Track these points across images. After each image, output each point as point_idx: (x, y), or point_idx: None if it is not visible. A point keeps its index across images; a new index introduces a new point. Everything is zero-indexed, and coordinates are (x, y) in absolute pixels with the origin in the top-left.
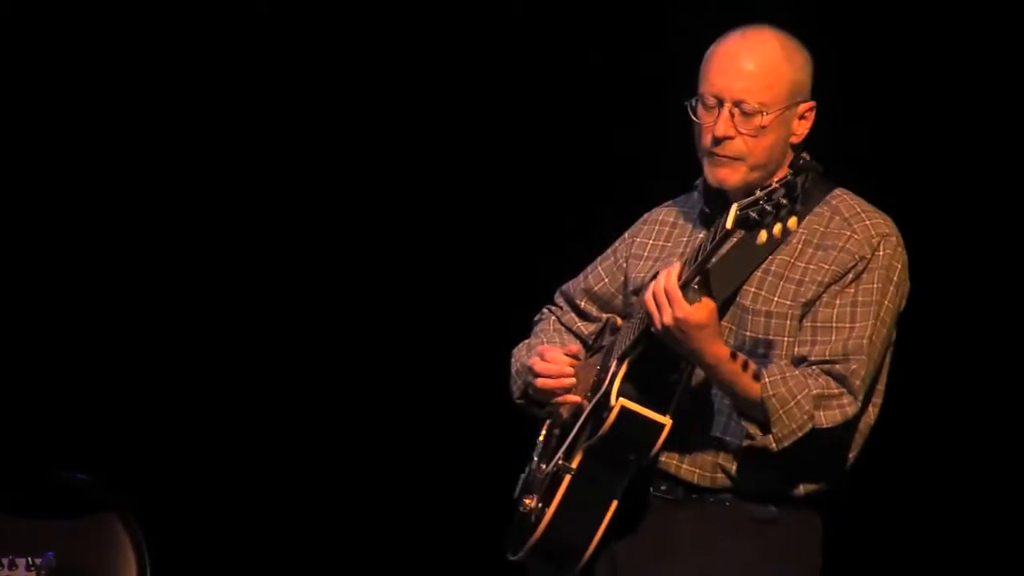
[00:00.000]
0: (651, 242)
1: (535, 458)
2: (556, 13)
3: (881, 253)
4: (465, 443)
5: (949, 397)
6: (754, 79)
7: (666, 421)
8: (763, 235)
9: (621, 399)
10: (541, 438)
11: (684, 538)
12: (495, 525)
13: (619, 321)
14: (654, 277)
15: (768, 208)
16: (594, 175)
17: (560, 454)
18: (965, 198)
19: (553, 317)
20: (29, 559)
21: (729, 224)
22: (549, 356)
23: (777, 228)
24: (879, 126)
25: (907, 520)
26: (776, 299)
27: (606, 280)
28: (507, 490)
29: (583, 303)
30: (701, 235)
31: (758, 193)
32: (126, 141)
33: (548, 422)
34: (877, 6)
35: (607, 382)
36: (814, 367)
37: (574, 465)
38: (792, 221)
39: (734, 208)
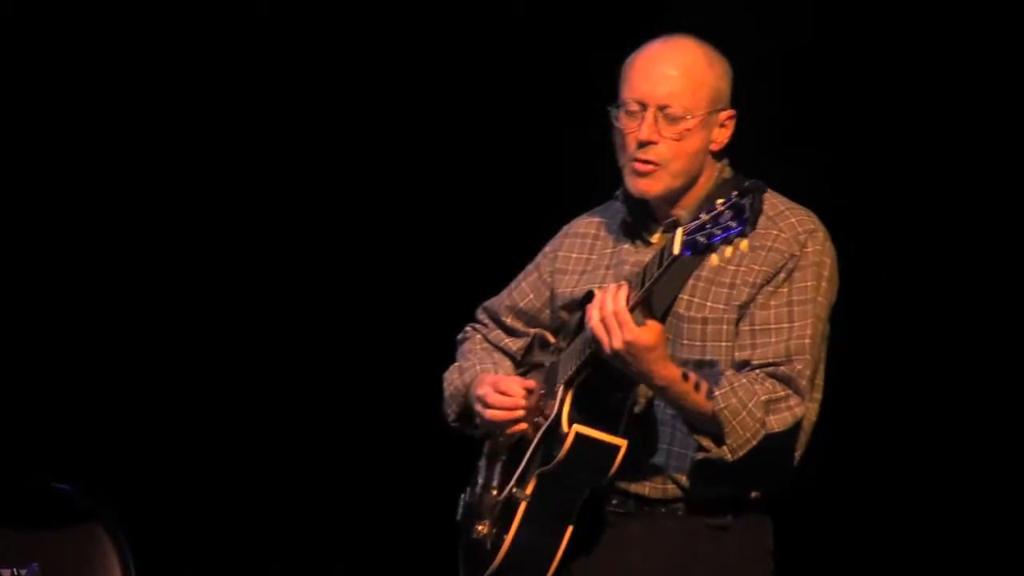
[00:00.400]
0: (575, 255)
1: (479, 480)
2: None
3: (810, 249)
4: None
5: (897, 396)
6: (678, 84)
7: (621, 442)
8: (715, 259)
9: (575, 425)
10: (483, 460)
11: (640, 551)
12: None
13: (549, 336)
14: (587, 294)
15: (717, 232)
16: (513, 189)
17: (513, 481)
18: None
19: (478, 335)
20: (14, 569)
21: (676, 250)
22: (504, 387)
23: (728, 251)
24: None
25: (854, 521)
26: (709, 304)
27: (531, 296)
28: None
29: (509, 320)
30: (626, 246)
31: (703, 216)
32: (125, 144)
33: (488, 443)
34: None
35: (556, 408)
36: (758, 371)
37: (528, 492)
38: (744, 244)
39: (680, 233)
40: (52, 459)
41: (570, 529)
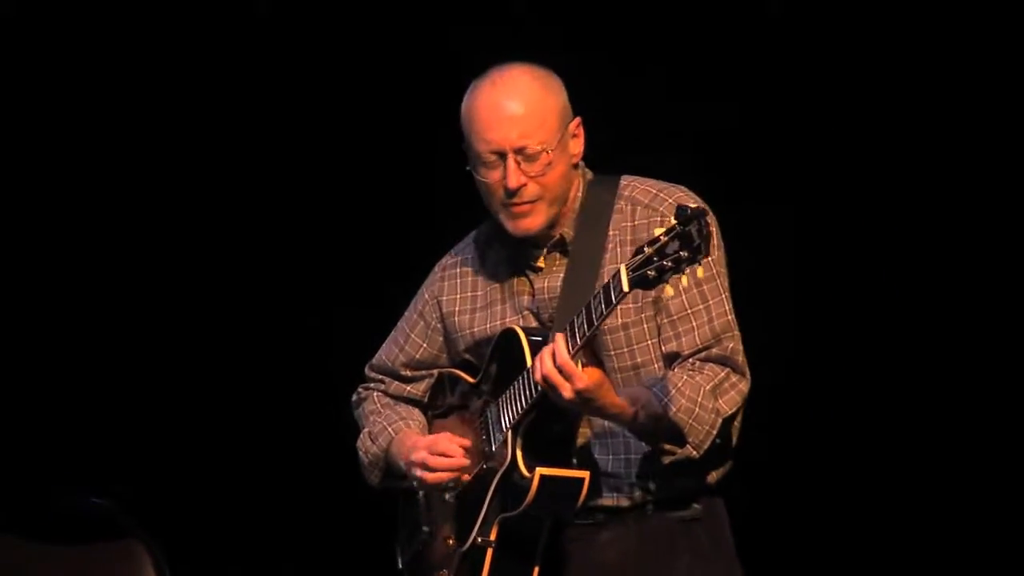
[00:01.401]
0: (459, 295)
1: (424, 529)
2: None
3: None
4: None
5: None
6: (527, 122)
7: (584, 474)
8: (669, 290)
9: (538, 468)
10: (419, 509)
11: (615, 552)
12: None
13: (463, 375)
14: (505, 331)
15: (667, 264)
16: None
17: (475, 530)
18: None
19: (375, 393)
20: None
21: (625, 287)
22: (442, 448)
23: (685, 280)
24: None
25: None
26: (621, 308)
27: (424, 345)
28: None
29: (407, 372)
30: (515, 278)
31: (647, 250)
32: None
33: (422, 493)
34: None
35: (508, 455)
36: (691, 360)
37: (492, 538)
38: (700, 271)
39: (623, 270)
40: (88, 475)
41: (539, 562)
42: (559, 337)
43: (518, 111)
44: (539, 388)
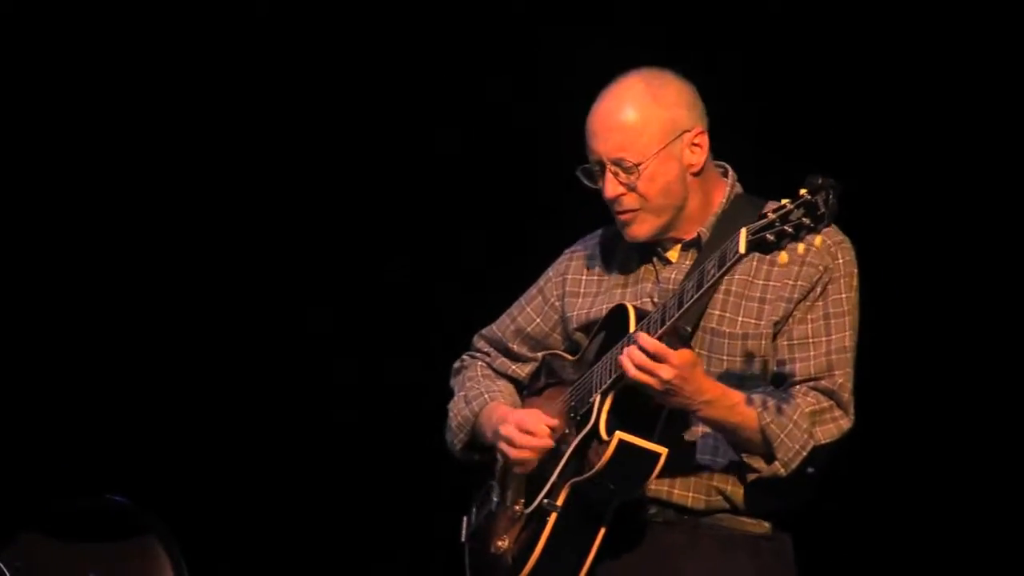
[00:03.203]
0: (585, 277)
1: (494, 499)
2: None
3: (841, 261)
4: None
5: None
6: (623, 135)
7: (662, 450)
8: (784, 256)
9: (618, 432)
10: (494, 481)
11: (678, 558)
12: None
13: (565, 355)
14: (617, 307)
15: (788, 229)
16: (510, 217)
17: (543, 493)
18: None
19: (479, 363)
20: None
21: (742, 248)
22: (530, 426)
23: (801, 248)
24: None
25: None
26: (741, 319)
27: (538, 320)
28: None
29: (515, 345)
30: (643, 267)
31: (770, 216)
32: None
33: (500, 463)
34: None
35: (593, 417)
36: (799, 385)
37: (560, 502)
38: (819, 239)
39: (744, 233)
40: (107, 473)
41: (600, 538)
42: (636, 334)
43: (617, 123)
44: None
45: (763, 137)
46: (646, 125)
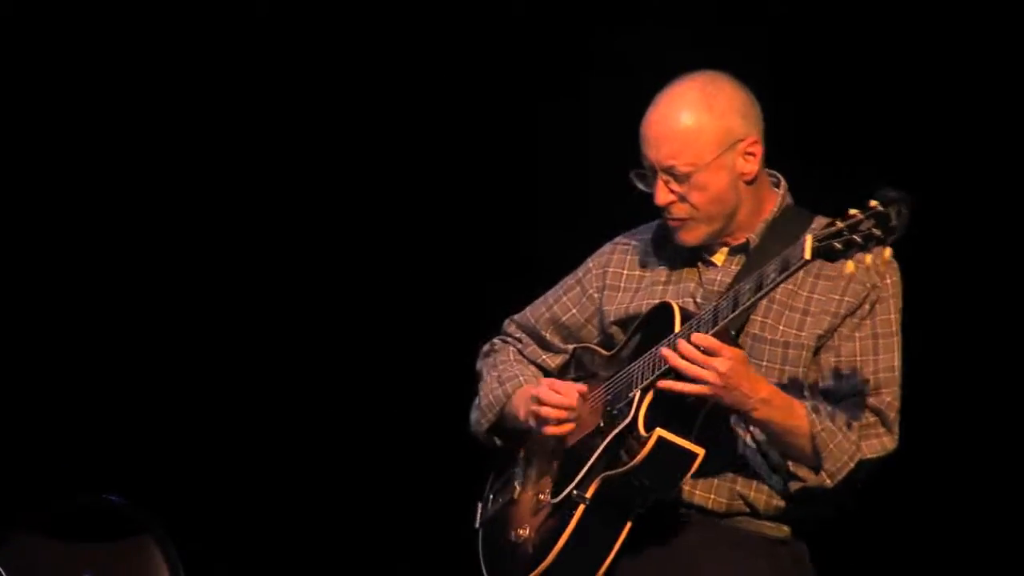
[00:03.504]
0: (626, 272)
1: (515, 486)
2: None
3: (889, 281)
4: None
5: None
6: (676, 143)
7: (700, 451)
8: (850, 265)
9: (658, 429)
10: (517, 467)
11: (697, 557)
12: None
13: (600, 350)
14: (660, 305)
15: (856, 239)
16: (552, 202)
17: (574, 484)
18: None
19: (511, 348)
20: None
21: (807, 254)
22: (560, 387)
23: (868, 259)
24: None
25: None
26: (782, 327)
27: (575, 311)
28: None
29: (548, 334)
30: (686, 268)
31: (838, 224)
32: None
33: (523, 450)
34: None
35: (631, 414)
36: (846, 400)
37: (589, 495)
38: (887, 252)
39: (810, 239)
40: (103, 473)
41: (624, 534)
42: (689, 330)
43: (670, 130)
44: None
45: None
46: (699, 134)
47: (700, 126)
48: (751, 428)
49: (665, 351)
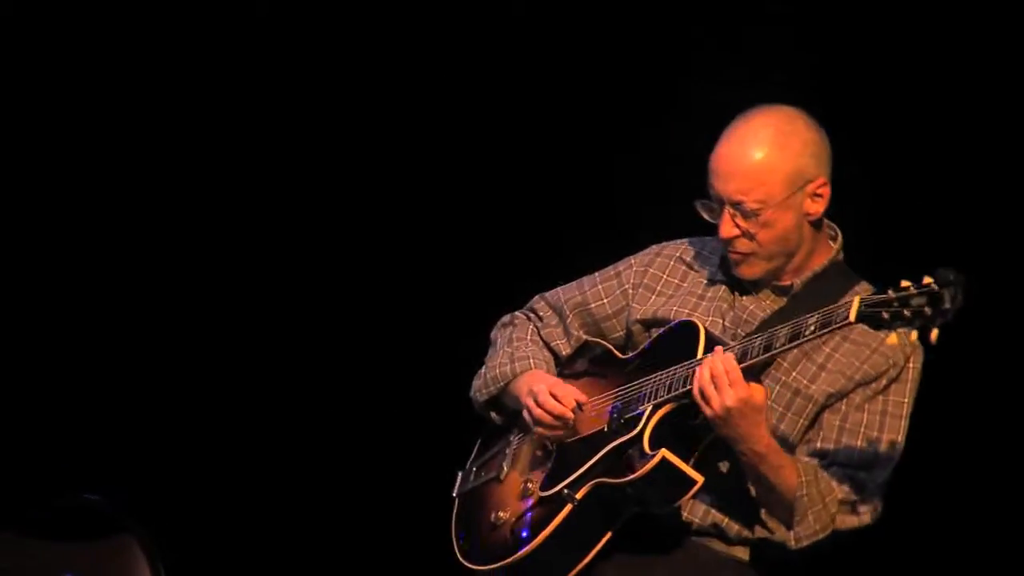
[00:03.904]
0: (665, 277)
1: (504, 467)
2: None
3: (912, 365)
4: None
5: None
6: (747, 179)
7: (699, 478)
8: (893, 338)
9: (663, 450)
10: (510, 447)
11: (664, 570)
12: None
13: (615, 352)
14: (681, 326)
15: (906, 313)
16: (598, 195)
17: (566, 482)
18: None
19: (532, 326)
20: None
21: (852, 316)
22: (560, 394)
23: (914, 335)
24: None
25: None
26: (795, 374)
27: (606, 301)
28: None
29: (571, 318)
30: (724, 287)
31: (890, 293)
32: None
33: (517, 431)
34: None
35: (640, 426)
36: (837, 469)
37: (579, 496)
38: (935, 334)
39: (857, 302)
40: (85, 472)
41: (602, 543)
42: (724, 353)
43: (742, 167)
44: (703, 399)
45: None
46: (771, 173)
47: (772, 165)
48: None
49: (695, 370)
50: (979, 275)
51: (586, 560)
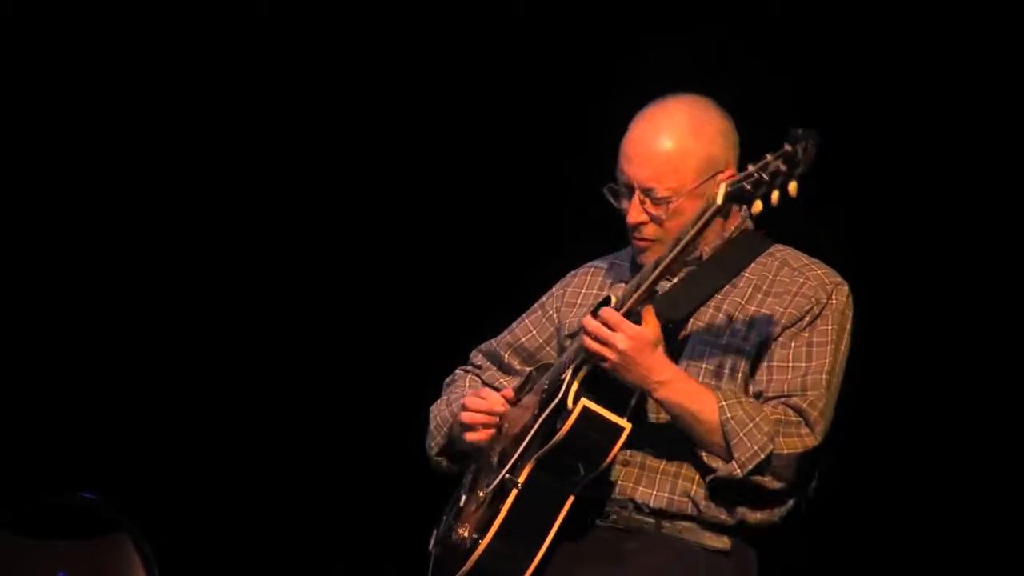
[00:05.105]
0: (584, 291)
1: (462, 495)
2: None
3: (834, 301)
4: None
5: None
6: (659, 166)
7: (626, 424)
8: (758, 205)
9: (583, 399)
10: (462, 486)
11: (635, 568)
12: None
13: (555, 359)
14: (604, 299)
15: (764, 177)
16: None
17: (506, 468)
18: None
19: (470, 376)
20: None
21: (720, 199)
22: (485, 394)
23: (775, 196)
24: None
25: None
26: (727, 336)
27: (534, 332)
28: None
29: (507, 356)
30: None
31: (750, 168)
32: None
33: (471, 467)
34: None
35: (562, 391)
36: (771, 400)
37: (521, 479)
38: (792, 186)
39: (723, 186)
40: (79, 470)
41: (558, 524)
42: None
43: (654, 152)
44: (592, 350)
45: None
46: (683, 160)
47: (685, 152)
48: None
49: (584, 320)
50: (973, 275)
51: (544, 546)
